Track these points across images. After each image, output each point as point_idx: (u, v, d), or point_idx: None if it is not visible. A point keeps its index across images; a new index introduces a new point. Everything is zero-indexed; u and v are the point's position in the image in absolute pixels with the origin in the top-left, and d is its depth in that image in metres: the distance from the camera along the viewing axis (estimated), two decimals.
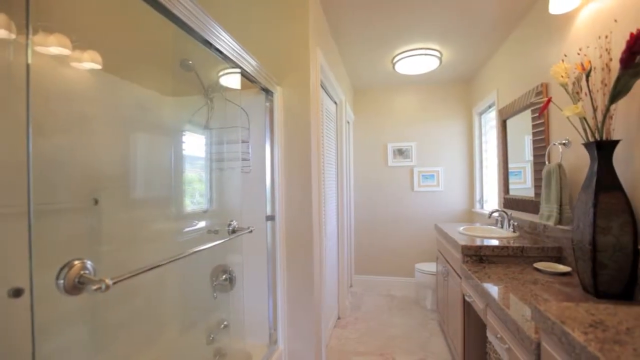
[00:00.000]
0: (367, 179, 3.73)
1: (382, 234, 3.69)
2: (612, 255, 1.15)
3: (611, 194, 1.16)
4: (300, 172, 1.80)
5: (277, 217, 1.77)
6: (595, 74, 1.36)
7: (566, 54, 1.65)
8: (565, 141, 1.67)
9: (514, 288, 1.31)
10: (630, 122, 1.23)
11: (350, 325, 2.69)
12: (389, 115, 3.68)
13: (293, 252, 1.81)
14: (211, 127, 1.87)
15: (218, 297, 1.78)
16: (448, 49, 2.68)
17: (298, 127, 1.80)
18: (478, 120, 3.31)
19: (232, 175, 1.83)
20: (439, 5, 2.02)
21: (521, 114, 2.18)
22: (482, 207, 3.23)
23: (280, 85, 1.81)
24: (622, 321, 0.77)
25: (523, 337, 0.99)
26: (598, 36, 1.40)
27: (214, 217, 1.87)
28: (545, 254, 1.69)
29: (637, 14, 1.20)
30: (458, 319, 1.92)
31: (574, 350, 0.72)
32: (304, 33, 1.77)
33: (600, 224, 1.16)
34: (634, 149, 1.21)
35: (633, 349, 0.65)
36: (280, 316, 1.78)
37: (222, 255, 1.78)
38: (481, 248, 1.74)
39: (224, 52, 1.24)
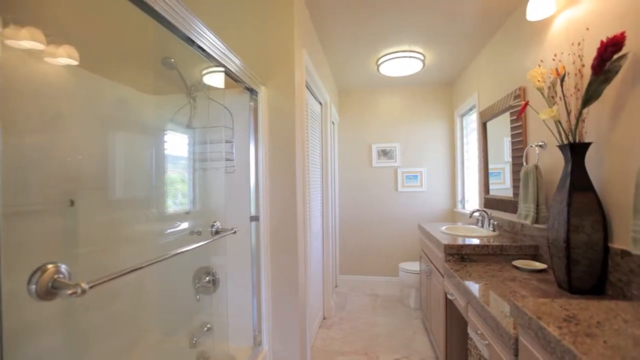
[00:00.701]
0: (351, 180, 3.76)
1: (366, 234, 3.72)
2: (584, 253, 1.20)
3: (583, 194, 1.22)
4: (284, 172, 1.79)
5: (261, 217, 1.76)
6: (569, 79, 1.42)
7: (542, 60, 1.71)
8: (542, 143, 1.73)
9: (493, 285, 1.35)
10: (600, 125, 1.29)
11: (336, 325, 2.70)
12: (373, 116, 3.72)
13: (277, 252, 1.80)
14: (194, 126, 1.84)
15: (201, 300, 1.75)
16: (431, 52, 2.73)
17: (283, 127, 1.80)
18: (460, 122, 3.39)
19: (216, 176, 1.80)
20: (422, 9, 2.06)
21: (500, 116, 2.25)
22: (464, 207, 3.31)
23: (265, 85, 1.80)
24: (593, 315, 0.81)
25: (502, 333, 1.02)
26: (572, 43, 1.46)
27: (196, 218, 1.83)
28: (523, 252, 1.74)
29: (607, 22, 1.26)
30: (440, 317, 1.96)
31: (549, 344, 0.75)
32: (289, 33, 1.77)
33: (574, 223, 1.21)
34: (604, 151, 1.27)
35: (603, 341, 0.68)
36: (264, 317, 1.77)
37: (205, 257, 1.75)
38: (463, 247, 1.78)
39: (207, 51, 1.22)
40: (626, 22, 1.16)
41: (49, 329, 1.23)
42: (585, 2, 1.38)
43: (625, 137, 1.17)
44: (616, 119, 1.22)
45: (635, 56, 1.12)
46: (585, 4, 1.38)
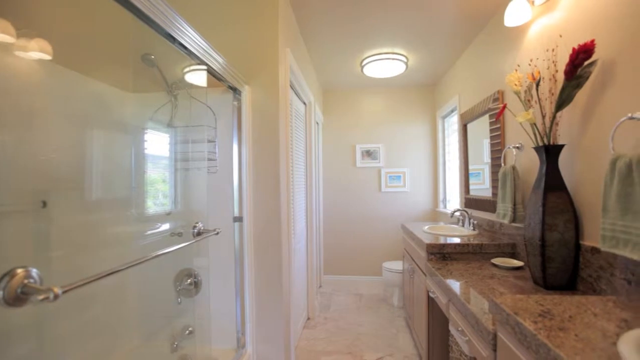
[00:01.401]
0: (336, 180, 3.77)
1: (350, 234, 3.74)
2: (558, 250, 1.25)
3: (557, 193, 1.27)
4: (268, 172, 1.78)
5: (244, 218, 1.74)
6: (544, 83, 1.48)
7: (519, 64, 1.78)
8: (519, 145, 1.79)
9: (473, 283, 1.39)
10: (572, 128, 1.35)
11: (320, 326, 2.70)
12: (357, 117, 3.75)
13: (261, 253, 1.78)
14: (175, 125, 1.80)
15: (182, 302, 1.71)
16: (414, 55, 2.78)
17: (267, 126, 1.78)
18: (441, 124, 3.47)
19: (198, 176, 1.77)
20: (405, 13, 2.09)
21: (480, 118, 2.32)
22: (445, 207, 3.39)
23: (248, 84, 1.78)
24: (566, 310, 0.85)
25: (481, 329, 1.05)
26: (546, 49, 1.52)
27: (178, 219, 1.79)
28: (501, 250, 1.80)
29: (578, 30, 1.32)
30: (423, 315, 2.00)
31: (526, 338, 0.77)
32: (274, 33, 1.76)
33: (548, 222, 1.26)
34: (576, 153, 1.33)
35: (574, 334, 0.71)
36: (248, 319, 1.75)
37: (186, 259, 1.71)
38: (444, 246, 1.82)
39: (188, 48, 1.19)
40: (596, 30, 1.22)
41: (21, 336, 1.17)
42: (559, 10, 1.45)
43: (594, 140, 1.23)
44: (587, 123, 1.27)
45: (604, 63, 1.18)
46: (559, 12, 1.44)
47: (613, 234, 1.03)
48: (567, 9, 1.39)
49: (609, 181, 1.05)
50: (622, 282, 1.09)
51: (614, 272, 1.12)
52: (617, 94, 1.13)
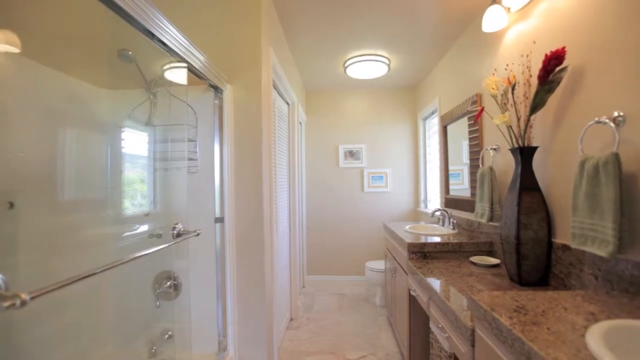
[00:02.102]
0: (319, 180, 3.78)
1: (333, 234, 3.75)
2: (532, 248, 1.30)
3: (531, 193, 1.32)
4: (251, 172, 1.76)
5: (226, 218, 1.71)
6: (519, 87, 1.54)
7: (496, 69, 1.84)
8: (496, 147, 1.86)
9: (453, 281, 1.43)
10: (545, 131, 1.41)
11: (303, 326, 2.70)
12: (340, 118, 3.77)
13: (243, 254, 1.76)
14: (154, 123, 1.75)
15: (161, 306, 1.67)
16: (396, 57, 2.82)
17: (249, 126, 1.76)
18: (423, 125, 3.54)
19: (178, 176, 1.73)
20: (388, 16, 2.12)
21: (459, 120, 2.38)
22: (426, 207, 3.46)
23: (230, 83, 1.75)
24: (539, 305, 0.88)
25: (460, 326, 1.07)
26: (521, 54, 1.59)
27: (157, 220, 1.74)
28: (480, 248, 1.86)
29: (551, 37, 1.38)
30: (404, 313, 2.03)
31: (502, 333, 0.80)
32: (256, 31, 1.74)
33: (523, 221, 1.31)
34: (548, 155, 1.40)
35: (547, 328, 0.75)
36: (230, 321, 1.72)
37: (166, 261, 1.67)
38: (425, 245, 1.86)
39: (168, 45, 1.16)
40: (567, 38, 1.28)
41: None
42: (533, 18, 1.51)
43: (565, 142, 1.29)
44: (558, 126, 1.33)
45: (574, 69, 1.24)
46: (533, 20, 1.51)
47: (582, 231, 1.09)
48: (540, 17, 1.45)
49: (578, 182, 1.11)
50: (589, 277, 1.15)
51: (583, 268, 1.18)
52: (586, 99, 1.19)
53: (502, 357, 0.81)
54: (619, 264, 1.03)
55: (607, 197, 0.98)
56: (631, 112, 1.00)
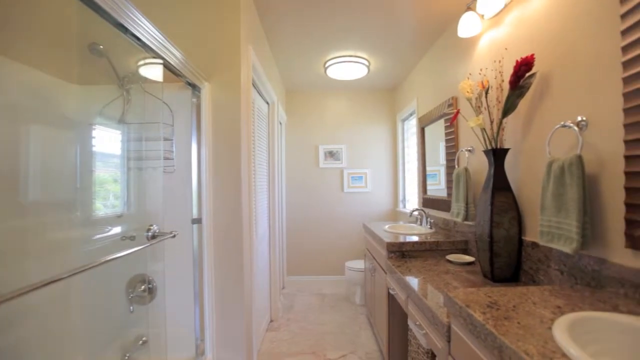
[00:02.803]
0: (299, 180, 3.77)
1: (313, 234, 3.76)
2: (504, 246, 1.36)
3: (503, 193, 1.38)
4: (229, 172, 1.73)
5: (204, 219, 1.67)
6: (492, 91, 1.60)
7: (471, 73, 1.90)
8: (470, 148, 1.92)
9: (430, 279, 1.46)
10: (516, 134, 1.48)
11: (283, 327, 2.68)
12: (320, 118, 3.78)
13: (222, 256, 1.73)
14: (128, 121, 1.68)
15: (135, 311, 1.60)
16: (376, 59, 2.86)
17: (228, 125, 1.73)
18: (401, 126, 3.61)
19: (153, 176, 1.67)
20: (368, 18, 2.15)
21: (436, 122, 2.45)
22: (405, 207, 3.53)
23: (208, 81, 1.71)
24: (510, 300, 0.92)
25: (437, 322, 1.10)
26: (494, 60, 1.65)
27: (130, 222, 1.68)
28: (455, 247, 1.92)
29: (521, 45, 1.44)
30: (383, 311, 2.06)
31: (476, 328, 0.83)
32: (235, 29, 1.71)
33: (496, 220, 1.36)
34: (519, 156, 1.46)
35: (517, 322, 0.78)
36: (207, 325, 1.68)
37: (140, 264, 1.61)
38: (403, 244, 1.89)
39: (142, 40, 1.12)
40: (535, 46, 1.35)
41: None
42: (504, 25, 1.57)
43: (534, 145, 1.36)
44: (528, 129, 1.40)
45: (542, 75, 1.31)
46: (504, 28, 1.57)
47: (549, 229, 1.14)
48: (511, 24, 1.52)
49: (545, 182, 1.16)
50: (556, 272, 1.21)
51: (550, 264, 1.24)
52: (553, 104, 1.25)
53: (476, 352, 0.84)
54: (582, 259, 1.09)
55: (572, 196, 1.04)
56: (592, 117, 1.07)
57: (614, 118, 0.98)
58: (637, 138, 0.88)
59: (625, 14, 0.92)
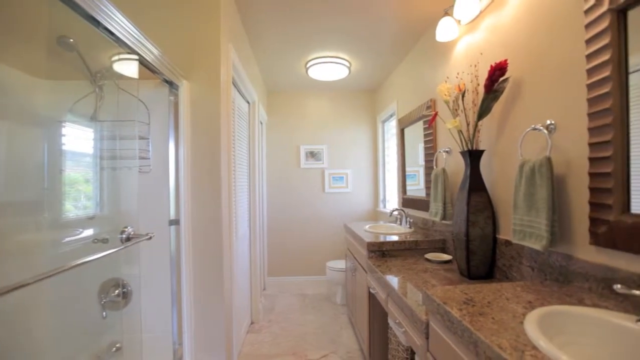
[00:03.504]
0: (280, 180, 3.75)
1: (295, 235, 3.75)
2: (479, 244, 1.41)
3: (479, 193, 1.43)
4: (209, 172, 1.69)
5: (182, 220, 1.63)
6: (468, 95, 1.65)
7: (448, 76, 1.96)
8: (448, 149, 1.98)
9: (409, 277, 1.49)
10: (490, 136, 1.54)
11: (264, 329, 2.66)
12: (302, 118, 3.78)
13: (201, 257, 1.69)
14: (100, 119, 1.61)
15: (108, 316, 1.54)
16: (356, 60, 2.89)
17: (207, 124, 1.70)
18: (382, 128, 3.66)
19: (128, 175, 1.61)
20: (349, 20, 2.16)
21: (416, 124, 2.50)
22: (385, 207, 3.58)
23: (187, 79, 1.67)
24: (485, 296, 0.95)
25: (416, 320, 1.13)
26: (470, 64, 1.71)
27: (103, 224, 1.61)
28: (434, 245, 1.96)
29: (496, 50, 1.50)
30: (364, 311, 2.08)
31: (453, 324, 0.85)
32: (215, 26, 1.68)
33: (472, 219, 1.40)
34: (493, 158, 1.52)
35: (492, 317, 0.81)
36: (186, 329, 1.64)
37: (114, 267, 1.55)
38: (383, 244, 1.92)
39: (116, 35, 1.08)
40: (508, 52, 1.40)
41: None
42: (480, 31, 1.63)
43: (507, 147, 1.42)
44: (501, 131, 1.46)
45: (515, 80, 1.36)
46: (480, 33, 1.63)
47: (521, 228, 1.19)
48: (486, 30, 1.58)
49: (518, 182, 1.22)
50: (527, 269, 1.26)
51: (522, 260, 1.29)
52: (524, 107, 1.31)
53: (453, 347, 0.87)
54: (551, 256, 1.15)
55: (542, 196, 1.09)
56: (560, 121, 1.12)
57: (579, 122, 1.04)
58: (600, 141, 0.94)
59: (588, 24, 0.98)
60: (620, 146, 0.89)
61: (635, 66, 0.87)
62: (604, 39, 0.93)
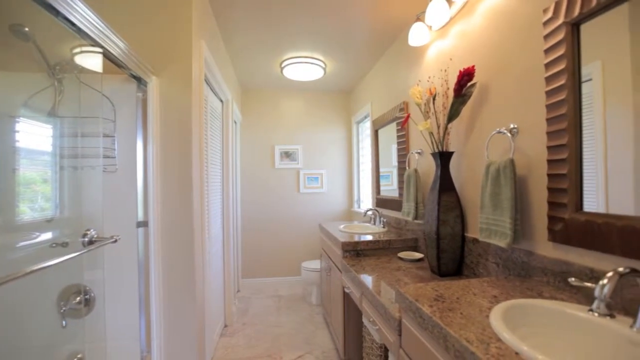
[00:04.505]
0: (254, 181, 3.69)
1: (269, 236, 3.71)
2: (449, 242, 1.46)
3: (449, 193, 1.48)
4: (179, 172, 1.64)
5: (151, 222, 1.56)
6: (439, 98, 1.71)
7: (420, 80, 2.02)
8: (420, 151, 2.04)
9: (383, 276, 1.52)
10: (459, 138, 1.60)
11: (238, 332, 2.60)
12: (277, 118, 3.75)
13: (171, 260, 1.63)
14: (60, 114, 1.51)
15: (69, 325, 1.44)
16: (332, 62, 2.91)
17: (178, 121, 1.64)
18: (356, 128, 3.71)
19: (91, 175, 1.52)
20: (324, 22, 2.17)
21: (389, 125, 2.56)
22: (359, 207, 3.64)
23: (157, 75, 1.61)
24: (454, 293, 0.99)
25: (389, 317, 1.15)
26: (440, 69, 1.77)
27: (63, 227, 1.50)
28: (407, 244, 2.02)
29: (464, 56, 1.57)
30: (339, 310, 2.10)
31: (424, 321, 0.88)
32: (187, 22, 1.63)
33: (442, 218, 1.46)
34: (462, 159, 1.58)
35: (460, 312, 0.84)
36: (155, 335, 1.57)
37: (75, 273, 1.45)
38: (358, 243, 1.95)
39: (78, 25, 1.01)
40: (476, 58, 1.47)
41: None
42: (450, 37, 1.69)
43: (475, 148, 1.48)
44: (469, 134, 1.52)
45: (481, 85, 1.43)
46: (450, 40, 1.69)
47: (487, 226, 1.25)
48: (455, 37, 1.64)
49: (484, 183, 1.28)
50: (493, 265, 1.33)
51: (488, 257, 1.36)
52: (490, 112, 1.38)
53: (424, 342, 0.90)
54: (514, 252, 1.21)
55: (506, 196, 1.16)
56: (522, 125, 1.19)
57: (539, 126, 1.11)
58: (557, 144, 1.01)
59: (547, 35, 1.05)
60: (574, 149, 0.96)
61: (587, 76, 0.94)
62: (560, 49, 1.00)
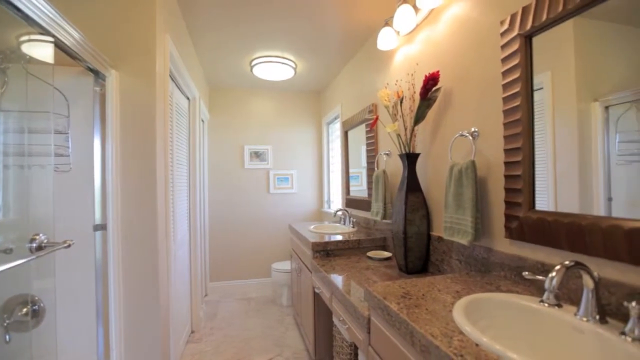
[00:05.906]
0: (223, 181, 3.60)
1: (238, 237, 3.63)
2: (415, 241, 1.51)
3: (415, 194, 1.53)
4: (142, 171, 1.55)
5: (110, 225, 1.46)
6: (406, 101, 1.77)
7: (388, 83, 2.07)
8: (388, 152, 2.09)
9: (352, 275, 1.54)
10: (425, 140, 1.66)
11: (206, 337, 2.52)
12: (246, 117, 3.68)
13: (133, 265, 1.54)
14: (3, 108, 1.37)
15: (13, 340, 1.31)
16: (302, 62, 2.91)
17: (140, 118, 1.55)
18: (326, 129, 3.74)
19: (41, 175, 1.40)
20: (295, 22, 2.16)
21: (358, 127, 2.60)
22: (329, 207, 3.66)
23: (117, 68, 1.51)
24: (420, 290, 1.03)
25: (358, 316, 1.17)
26: (407, 73, 1.83)
27: (6, 231, 1.37)
28: (375, 244, 2.06)
29: (430, 61, 1.63)
30: (310, 311, 2.10)
31: (391, 318, 0.90)
32: (150, 14, 1.55)
33: (409, 217, 1.50)
34: (427, 160, 1.65)
35: (426, 308, 0.87)
36: (114, 346, 1.47)
37: (21, 282, 1.33)
38: (328, 244, 1.96)
39: (24, 11, 0.93)
40: (440, 64, 1.54)
41: None
42: (416, 43, 1.76)
43: (440, 150, 1.55)
44: (435, 136, 1.59)
45: (445, 90, 1.50)
46: (416, 45, 1.76)
47: (451, 225, 1.31)
48: (422, 42, 1.70)
49: (448, 183, 1.34)
50: (456, 262, 1.40)
51: (452, 255, 1.42)
52: (454, 115, 1.45)
53: (392, 339, 0.92)
54: (475, 249, 1.28)
55: (468, 196, 1.22)
56: (482, 129, 1.26)
57: (497, 130, 1.18)
58: (512, 147, 1.08)
59: (503, 45, 1.12)
60: (527, 152, 1.03)
61: (539, 84, 1.02)
62: (515, 59, 1.07)
